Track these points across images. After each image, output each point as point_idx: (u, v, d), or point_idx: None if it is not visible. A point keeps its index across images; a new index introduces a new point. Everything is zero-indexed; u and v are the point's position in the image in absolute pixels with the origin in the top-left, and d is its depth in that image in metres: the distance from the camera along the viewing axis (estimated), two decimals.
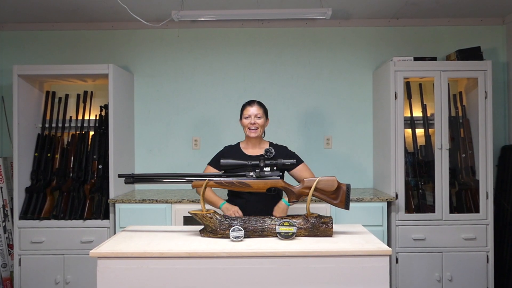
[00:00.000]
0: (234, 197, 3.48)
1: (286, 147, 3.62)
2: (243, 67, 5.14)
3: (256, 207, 3.38)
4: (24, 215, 4.52)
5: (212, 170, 3.55)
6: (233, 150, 3.58)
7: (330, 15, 4.44)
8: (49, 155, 4.73)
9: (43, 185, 4.63)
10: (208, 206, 3.37)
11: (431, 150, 4.57)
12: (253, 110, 3.49)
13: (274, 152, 2.93)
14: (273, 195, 3.25)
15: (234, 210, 3.37)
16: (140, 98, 5.14)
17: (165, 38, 5.17)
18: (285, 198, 3.41)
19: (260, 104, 3.55)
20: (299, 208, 3.92)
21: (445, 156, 4.44)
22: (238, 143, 3.65)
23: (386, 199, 4.36)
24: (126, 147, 4.90)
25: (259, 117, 3.48)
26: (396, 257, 4.41)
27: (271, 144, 3.61)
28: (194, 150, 5.13)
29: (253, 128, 3.47)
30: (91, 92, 5.00)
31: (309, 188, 2.86)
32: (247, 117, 3.49)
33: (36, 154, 4.73)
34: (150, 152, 5.15)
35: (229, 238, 2.76)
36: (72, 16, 4.91)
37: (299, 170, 3.51)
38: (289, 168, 3.17)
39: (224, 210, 3.40)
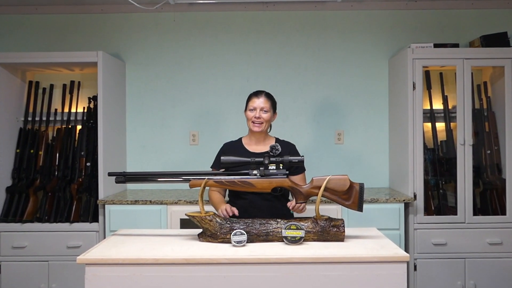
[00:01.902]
0: (235, 198, 3.44)
1: (294, 146, 3.59)
2: (246, 55, 5.13)
3: (260, 209, 3.35)
4: (4, 218, 4.53)
5: None
6: (234, 147, 3.55)
7: None
8: (32, 151, 4.73)
9: (25, 185, 4.64)
10: (211, 207, 3.37)
11: (453, 146, 4.57)
12: (260, 102, 3.43)
13: (280, 149, 2.92)
14: (279, 196, 3.24)
15: (225, 207, 3.22)
16: (132, 89, 5.14)
17: (160, 23, 5.16)
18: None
19: (269, 96, 3.49)
20: (308, 210, 3.91)
21: (468, 153, 4.43)
22: (240, 139, 3.62)
23: (403, 200, 4.36)
24: (117, 142, 4.91)
25: (265, 111, 3.42)
26: (414, 263, 4.41)
27: (277, 140, 3.57)
28: (192, 146, 5.13)
29: (257, 122, 3.44)
30: (79, 82, 5.00)
31: (319, 187, 2.85)
32: (252, 110, 3.44)
33: (17, 151, 4.73)
34: (144, 148, 5.15)
35: (230, 242, 2.76)
36: None
37: (298, 178, 3.46)
38: (297, 166, 3.16)
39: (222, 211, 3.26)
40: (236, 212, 3.18)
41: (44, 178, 4.69)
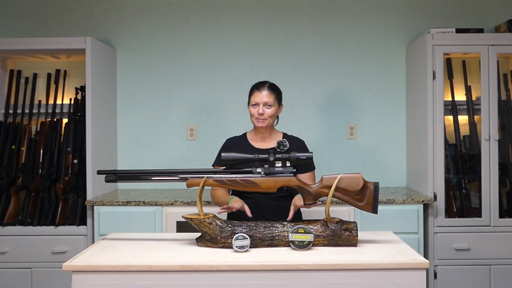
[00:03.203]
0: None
1: (303, 142, 3.58)
2: (249, 41, 5.13)
3: (266, 210, 3.36)
4: None
5: None
6: (238, 143, 3.55)
7: None
8: (13, 147, 4.73)
9: (6, 184, 4.64)
10: (210, 209, 3.36)
11: (476, 142, 4.56)
12: (262, 96, 3.40)
13: (288, 145, 2.90)
14: (286, 196, 3.23)
15: (240, 204, 3.22)
16: (124, 79, 5.15)
17: (154, 6, 5.16)
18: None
19: (272, 88, 3.46)
20: (317, 211, 3.90)
21: (493, 149, 4.43)
22: (245, 134, 3.62)
23: (423, 201, 4.36)
24: (107, 137, 4.91)
25: (269, 106, 3.40)
26: (435, 270, 4.41)
27: (284, 135, 3.56)
28: (189, 142, 5.14)
29: (261, 119, 3.42)
30: (65, 71, 5.00)
31: (329, 187, 2.85)
32: (254, 105, 3.42)
33: None
34: (136, 144, 5.16)
35: (231, 248, 2.75)
36: None
37: (306, 177, 3.46)
38: (305, 163, 3.15)
39: (232, 202, 3.25)
40: (247, 212, 3.18)
41: (26, 177, 4.68)
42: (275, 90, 3.47)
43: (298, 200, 3.22)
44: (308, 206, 3.01)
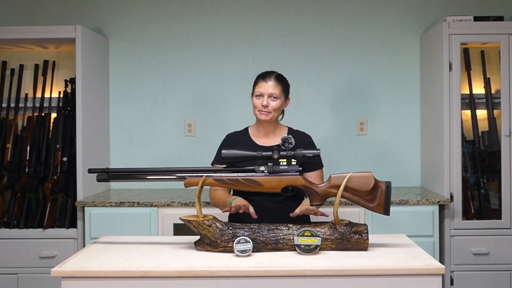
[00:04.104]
0: None
1: (310, 137, 3.57)
2: (252, 29, 5.13)
3: (270, 212, 3.35)
4: None
5: None
6: (239, 138, 3.53)
7: None
8: None
9: None
10: (209, 210, 3.36)
11: (496, 138, 4.56)
12: (268, 87, 3.36)
13: (294, 143, 2.89)
14: (291, 196, 3.21)
15: (244, 204, 3.17)
16: (117, 70, 5.15)
17: None
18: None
19: (279, 79, 3.42)
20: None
21: None
22: (246, 129, 3.60)
23: (438, 202, 4.36)
24: (99, 133, 4.92)
25: (274, 98, 3.36)
26: (451, 276, 4.42)
27: (290, 130, 3.54)
28: (187, 138, 5.14)
29: (265, 111, 3.39)
30: (53, 62, 5.01)
31: (337, 187, 2.84)
32: (258, 96, 3.39)
33: None
34: (130, 140, 5.16)
35: (232, 252, 2.75)
36: None
37: (313, 176, 3.45)
38: (312, 161, 3.14)
39: (235, 202, 3.22)
40: (252, 213, 3.14)
41: (12, 176, 4.69)
42: (283, 82, 3.43)
43: (306, 204, 3.21)
44: (314, 213, 3.03)
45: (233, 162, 2.91)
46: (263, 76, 3.42)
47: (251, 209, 3.15)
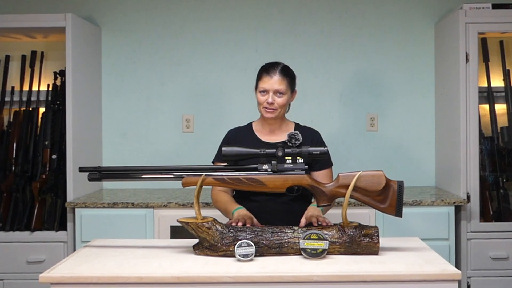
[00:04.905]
0: (242, 200, 3.41)
1: (318, 134, 3.56)
2: (254, 19, 5.13)
3: (274, 214, 3.34)
4: None
5: None
6: (242, 135, 3.52)
7: None
8: None
9: None
10: (209, 211, 3.36)
11: None
12: (273, 83, 3.32)
13: (301, 139, 2.88)
14: (298, 197, 3.21)
15: (245, 217, 3.16)
16: (109, 62, 5.16)
17: None
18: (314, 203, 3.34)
19: (285, 72, 3.38)
20: (333, 214, 3.90)
21: None
22: (250, 124, 3.59)
23: (454, 203, 4.37)
24: (91, 129, 4.92)
25: (280, 94, 3.34)
26: (468, 282, 4.42)
27: (297, 126, 3.54)
28: (185, 134, 5.15)
29: (270, 109, 3.37)
30: (42, 53, 5.01)
31: (346, 186, 2.84)
32: (263, 92, 3.35)
33: None
34: (124, 137, 5.17)
35: (234, 256, 2.75)
36: None
37: (322, 175, 3.45)
38: (319, 159, 3.13)
39: (234, 215, 3.23)
40: (256, 224, 3.12)
41: None
42: (288, 75, 3.40)
43: (311, 211, 3.21)
44: (322, 221, 3.02)
45: (235, 159, 2.91)
46: (267, 70, 3.37)
47: (255, 221, 3.13)
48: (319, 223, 3.02)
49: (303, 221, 3.16)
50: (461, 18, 4.42)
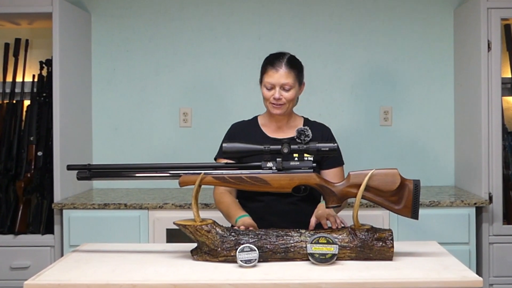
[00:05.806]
0: (246, 200, 3.42)
1: (329, 130, 3.55)
2: (257, 3, 5.13)
3: (280, 215, 3.34)
4: None
5: None
6: (247, 129, 3.51)
7: None
8: None
9: None
10: (209, 213, 3.37)
11: None
12: (279, 77, 3.29)
13: (311, 135, 2.87)
14: (306, 197, 3.21)
15: (250, 226, 3.13)
16: (100, 50, 5.16)
17: None
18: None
19: (292, 64, 3.35)
20: (343, 217, 3.90)
21: None
22: (256, 118, 3.57)
23: (475, 204, 4.37)
24: (80, 124, 4.93)
25: (288, 88, 3.32)
26: None
27: (306, 122, 3.53)
28: (182, 129, 5.15)
29: (277, 105, 3.35)
30: (26, 41, 5.03)
31: (358, 186, 2.84)
32: (269, 87, 3.33)
33: None
34: (116, 132, 5.18)
35: (235, 262, 2.75)
36: None
37: (332, 174, 3.43)
38: (328, 156, 3.12)
39: (238, 223, 3.20)
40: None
41: None
42: (296, 66, 3.37)
43: (322, 209, 3.20)
44: (333, 221, 3.02)
45: (237, 156, 2.91)
46: (272, 63, 3.34)
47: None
48: (329, 225, 3.02)
49: (313, 220, 3.16)
50: (482, 2, 4.41)
